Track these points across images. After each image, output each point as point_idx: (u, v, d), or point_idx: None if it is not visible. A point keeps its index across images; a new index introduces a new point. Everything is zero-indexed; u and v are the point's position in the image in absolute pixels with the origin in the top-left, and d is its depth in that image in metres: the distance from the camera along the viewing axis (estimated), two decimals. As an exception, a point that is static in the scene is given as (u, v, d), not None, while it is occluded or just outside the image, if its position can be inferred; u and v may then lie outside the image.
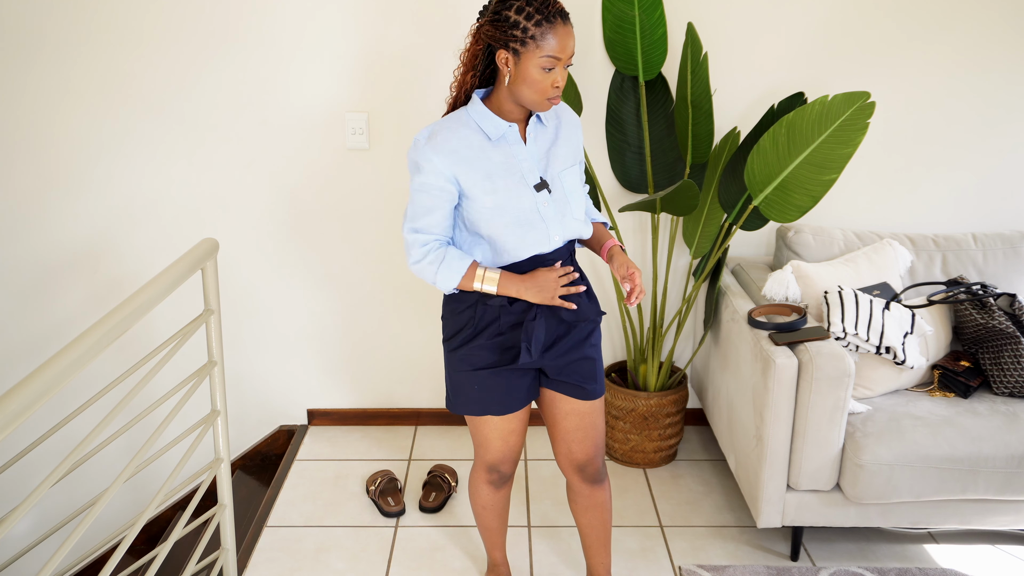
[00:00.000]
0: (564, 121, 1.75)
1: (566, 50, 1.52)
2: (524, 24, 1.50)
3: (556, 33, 1.50)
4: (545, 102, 1.57)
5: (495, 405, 1.78)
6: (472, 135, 1.62)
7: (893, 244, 2.50)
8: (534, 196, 1.64)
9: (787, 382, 2.05)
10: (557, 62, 1.52)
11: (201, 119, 2.66)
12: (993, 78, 2.64)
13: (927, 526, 2.23)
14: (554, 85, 1.54)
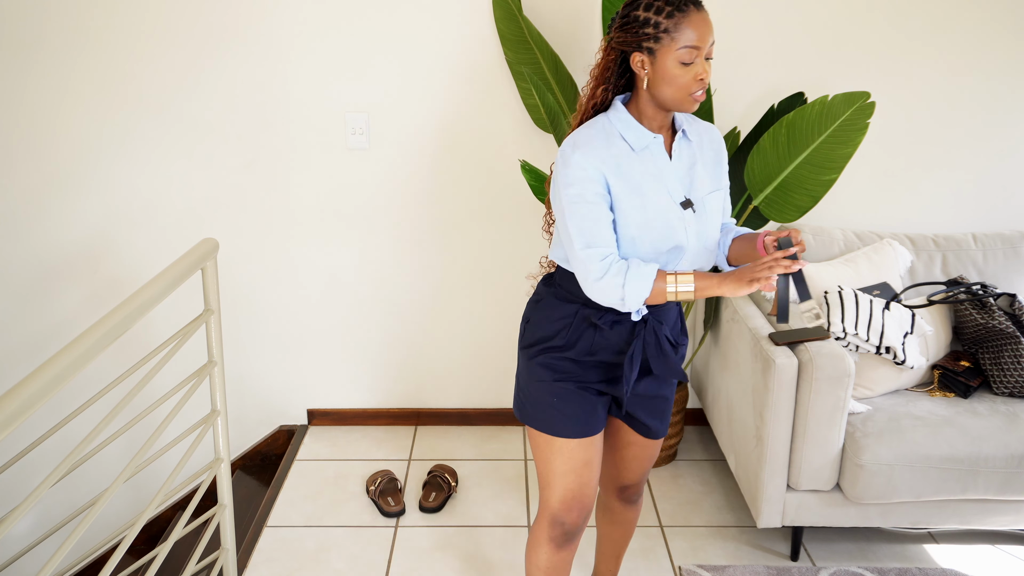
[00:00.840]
0: (708, 141, 1.62)
1: (705, 39, 1.39)
2: (655, 19, 1.40)
3: (691, 22, 1.39)
4: (689, 99, 1.43)
5: (572, 423, 1.61)
6: (616, 143, 1.49)
7: (893, 244, 2.50)
8: (681, 213, 1.51)
9: (787, 382, 2.05)
10: (696, 52, 1.40)
11: (201, 119, 2.66)
12: (993, 78, 2.64)
13: (927, 526, 2.23)
14: (697, 78, 1.41)
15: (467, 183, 2.75)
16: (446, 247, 2.83)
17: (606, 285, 1.46)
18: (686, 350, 1.74)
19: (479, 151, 2.71)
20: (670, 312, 1.66)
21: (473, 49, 2.61)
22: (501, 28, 2.52)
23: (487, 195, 2.76)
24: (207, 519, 1.91)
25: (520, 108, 2.67)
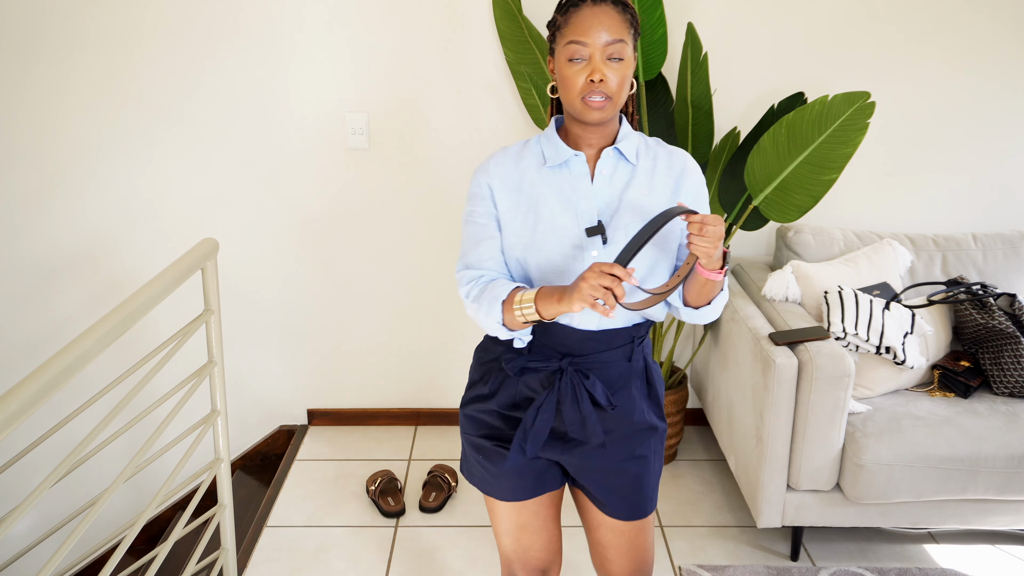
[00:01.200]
0: (667, 167, 1.39)
1: (590, 33, 1.25)
2: (555, 16, 1.32)
3: (580, 16, 1.27)
4: (582, 104, 1.28)
5: (497, 487, 1.47)
6: (529, 158, 1.39)
7: (893, 244, 2.50)
8: (582, 239, 1.33)
9: (787, 382, 2.05)
10: (583, 48, 1.25)
11: (201, 119, 2.66)
12: (993, 78, 2.64)
13: (927, 526, 2.23)
14: (589, 78, 1.26)
15: (467, 183, 2.75)
16: (446, 247, 2.83)
17: (471, 309, 1.35)
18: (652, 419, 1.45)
19: (479, 151, 2.71)
20: (610, 365, 1.40)
21: (473, 49, 2.61)
22: (501, 28, 2.52)
23: (487, 195, 2.76)
24: (207, 519, 1.91)
25: (520, 108, 2.67)
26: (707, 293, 1.32)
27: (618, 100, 1.29)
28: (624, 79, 1.28)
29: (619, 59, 1.27)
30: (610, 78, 1.27)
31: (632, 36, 1.30)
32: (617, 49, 1.26)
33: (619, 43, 1.26)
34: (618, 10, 1.27)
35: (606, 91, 1.27)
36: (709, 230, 1.17)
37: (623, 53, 1.27)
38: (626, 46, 1.27)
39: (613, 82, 1.27)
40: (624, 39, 1.27)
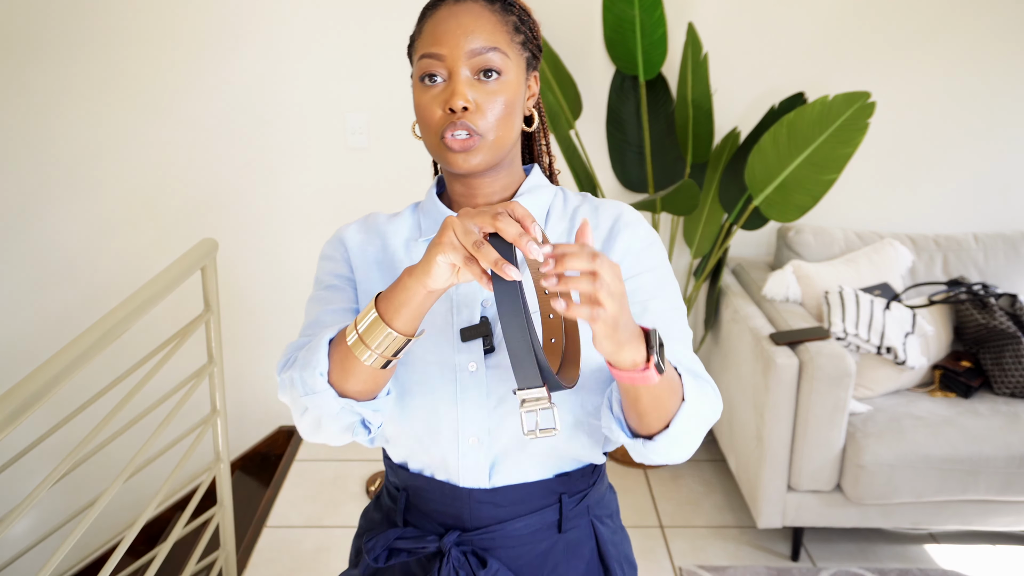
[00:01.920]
0: (604, 228, 0.97)
1: (445, 38, 0.90)
2: (412, 33, 1.02)
3: (436, 16, 0.95)
4: (438, 144, 0.91)
5: None
6: (402, 231, 1.03)
7: (894, 244, 2.50)
8: (454, 352, 0.92)
9: (788, 382, 2.05)
10: (434, 63, 0.91)
11: (201, 118, 2.66)
12: (993, 78, 2.64)
13: (928, 527, 2.23)
14: (448, 106, 0.88)
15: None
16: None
17: (283, 379, 0.91)
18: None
19: (479, 151, 2.71)
20: (524, 542, 0.95)
21: (473, 49, 2.60)
22: (501, 28, 2.52)
23: (487, 195, 2.76)
24: (207, 519, 1.90)
25: (520, 108, 2.66)
26: (649, 404, 0.81)
27: (498, 137, 0.90)
28: (508, 105, 0.90)
29: (494, 74, 0.89)
30: (480, 104, 0.89)
31: (521, 44, 0.93)
32: (489, 61, 0.89)
33: (492, 52, 0.89)
34: (492, 7, 0.92)
35: (472, 124, 0.88)
36: (575, 264, 0.68)
37: (502, 66, 0.89)
38: (506, 58, 0.90)
39: (486, 110, 0.89)
40: (501, 47, 0.90)
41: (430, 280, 0.75)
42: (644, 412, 0.82)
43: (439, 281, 0.75)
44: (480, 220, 0.71)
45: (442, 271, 0.74)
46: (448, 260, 0.73)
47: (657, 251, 0.97)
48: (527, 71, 0.96)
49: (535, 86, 1.00)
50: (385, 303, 0.79)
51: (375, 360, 0.81)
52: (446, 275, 0.75)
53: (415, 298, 0.77)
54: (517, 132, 0.94)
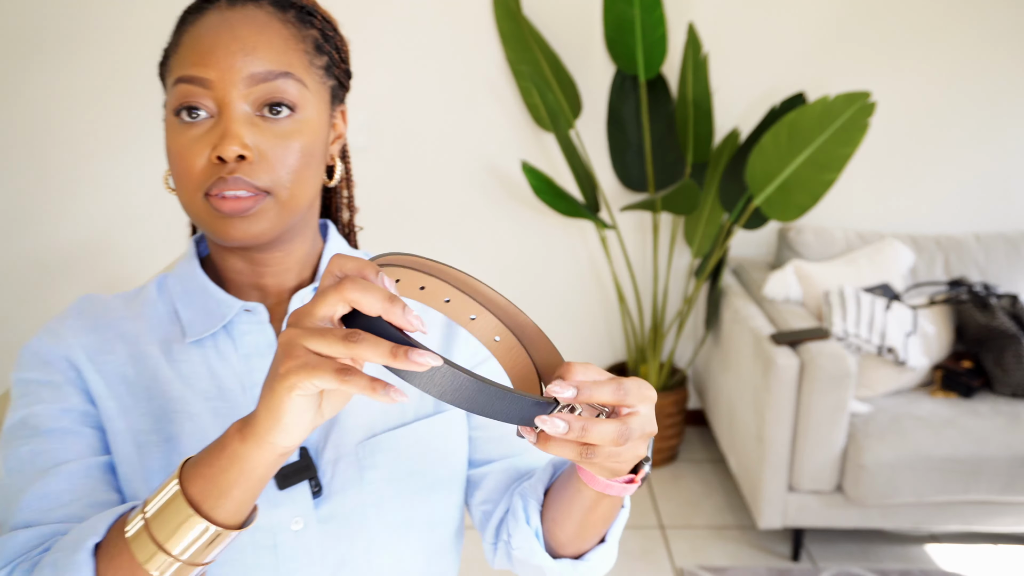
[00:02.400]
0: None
1: (213, 56, 0.66)
2: (167, 46, 0.78)
3: (202, 25, 0.70)
4: (204, 205, 0.66)
5: None
6: (155, 327, 0.73)
7: (895, 244, 2.49)
8: (268, 510, 0.69)
9: (788, 382, 2.05)
10: (198, 92, 0.66)
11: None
12: (994, 78, 2.64)
13: (929, 528, 2.22)
14: (216, 154, 0.64)
15: (467, 182, 2.74)
16: (445, 247, 2.83)
17: None
18: None
19: (479, 150, 2.71)
20: None
21: (473, 48, 2.60)
22: (502, 27, 2.52)
23: (487, 194, 2.76)
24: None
25: (520, 107, 2.66)
26: (606, 514, 0.65)
27: (291, 196, 0.67)
28: (306, 152, 0.67)
29: (285, 110, 0.66)
30: (264, 151, 0.65)
31: (323, 69, 0.70)
32: (278, 91, 0.65)
33: (284, 79, 0.66)
34: (283, 17, 0.68)
35: (252, 178, 0.65)
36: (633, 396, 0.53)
37: (297, 99, 0.66)
38: (303, 87, 0.67)
39: (274, 160, 0.65)
40: (295, 72, 0.67)
41: (283, 435, 0.50)
42: (593, 523, 0.65)
43: (298, 430, 0.51)
44: (323, 307, 0.49)
45: (301, 413, 0.50)
46: (311, 390, 0.48)
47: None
48: (332, 105, 0.71)
49: (342, 125, 0.75)
50: (199, 483, 0.53)
51: (177, 571, 0.54)
52: (308, 417, 0.50)
53: (256, 470, 0.53)
54: (317, 188, 0.70)
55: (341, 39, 0.74)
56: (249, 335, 0.72)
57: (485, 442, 0.80)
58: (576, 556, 0.70)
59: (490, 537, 0.78)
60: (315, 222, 0.76)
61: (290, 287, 0.75)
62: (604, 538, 0.69)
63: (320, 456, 0.71)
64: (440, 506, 0.75)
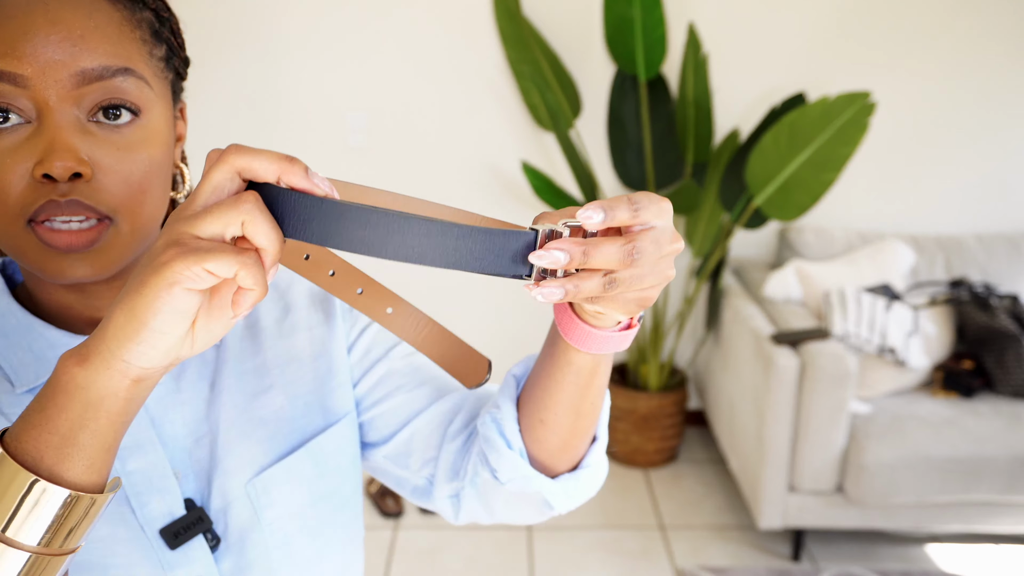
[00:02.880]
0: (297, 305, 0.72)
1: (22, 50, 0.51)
2: None
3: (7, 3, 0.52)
4: (26, 236, 0.54)
5: None
6: None
7: (895, 244, 2.49)
8: (152, 558, 0.59)
9: (788, 382, 2.04)
10: (9, 92, 0.51)
11: (201, 118, 2.66)
12: (995, 78, 2.63)
13: (930, 528, 2.22)
14: (41, 171, 0.51)
15: (467, 182, 2.74)
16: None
17: None
18: None
19: (479, 150, 2.71)
20: None
21: (473, 48, 2.60)
22: (502, 27, 2.52)
23: (487, 194, 2.76)
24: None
25: (520, 107, 2.66)
26: (594, 403, 0.61)
27: (140, 221, 0.56)
28: (155, 164, 0.56)
29: (126, 114, 0.55)
30: (104, 165, 0.54)
31: (163, 61, 0.59)
32: (118, 91, 0.54)
33: (123, 76, 0.54)
34: (112, 0, 0.55)
35: (92, 201, 0.53)
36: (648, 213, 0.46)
37: (140, 99, 0.55)
38: (145, 85, 0.56)
39: (117, 176, 0.54)
40: (135, 67, 0.55)
41: (143, 348, 0.41)
42: (589, 408, 0.60)
43: (162, 345, 0.42)
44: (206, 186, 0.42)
45: (175, 320, 0.41)
46: (201, 282, 0.40)
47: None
48: (173, 103, 0.60)
49: (183, 126, 0.64)
50: (31, 434, 0.43)
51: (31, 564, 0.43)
52: (180, 330, 0.42)
53: (104, 402, 0.43)
54: (167, 204, 0.59)
55: (175, 20, 0.61)
56: None
57: (391, 412, 0.72)
58: (571, 468, 0.64)
59: (446, 492, 0.70)
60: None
61: None
62: (595, 437, 0.65)
63: (207, 506, 0.62)
64: (351, 525, 0.70)
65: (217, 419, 0.64)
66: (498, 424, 0.63)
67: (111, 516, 0.58)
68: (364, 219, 0.42)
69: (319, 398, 0.69)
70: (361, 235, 0.42)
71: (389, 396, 0.72)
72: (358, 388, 0.72)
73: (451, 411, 0.71)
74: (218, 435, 0.63)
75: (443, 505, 0.70)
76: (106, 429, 0.43)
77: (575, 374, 0.57)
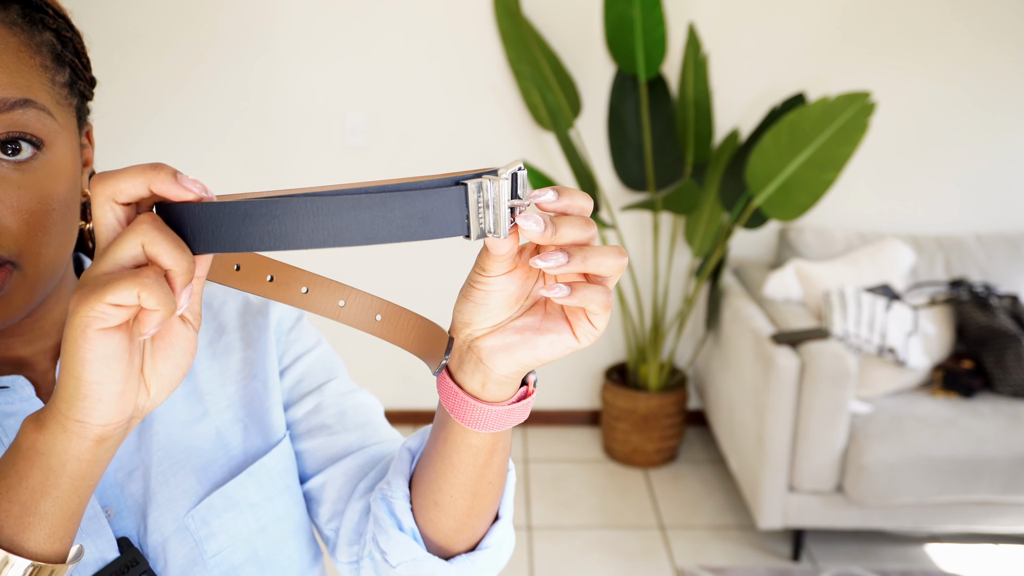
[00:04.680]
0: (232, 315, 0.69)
1: None
2: None
3: None
4: None
5: None
6: None
7: (895, 244, 2.49)
8: None
9: (788, 382, 2.04)
10: None
11: (201, 118, 2.66)
12: (994, 78, 2.63)
13: (930, 528, 2.22)
14: None
15: (467, 183, 2.74)
16: (445, 247, 2.83)
17: None
18: None
19: (479, 150, 2.71)
20: None
21: (474, 48, 2.60)
22: (502, 27, 2.52)
23: (487, 195, 2.75)
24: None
25: (520, 107, 2.66)
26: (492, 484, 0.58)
27: (50, 260, 0.52)
28: (62, 201, 0.52)
29: (27, 148, 0.50)
30: (8, 205, 0.50)
31: (67, 87, 0.54)
32: (14, 123, 0.49)
33: (20, 107, 0.50)
34: (6, 18, 0.51)
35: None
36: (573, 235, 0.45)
37: (43, 132, 0.51)
38: (49, 117, 0.51)
39: (20, 217, 0.50)
40: (36, 97, 0.51)
41: (91, 404, 0.40)
42: (487, 489, 0.57)
43: (108, 395, 0.40)
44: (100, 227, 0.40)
45: (108, 363, 0.39)
46: (110, 318, 0.38)
47: (307, 324, 0.71)
48: (79, 130, 0.55)
49: (91, 151, 0.59)
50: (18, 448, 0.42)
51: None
52: (120, 370, 0.40)
53: (66, 467, 0.41)
54: (74, 241, 0.55)
55: (79, 38, 0.56)
56: (13, 417, 0.56)
57: (310, 452, 0.68)
58: (469, 549, 0.60)
59: (346, 556, 0.66)
60: (71, 271, 0.60)
61: (52, 348, 0.60)
62: (498, 515, 0.61)
63: (144, 544, 0.58)
64: (306, 551, 0.66)
65: (149, 450, 0.60)
66: (388, 503, 0.60)
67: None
68: (270, 211, 0.39)
69: (257, 419, 0.66)
70: (272, 229, 0.39)
71: (311, 434, 0.68)
72: (288, 414, 0.69)
73: (365, 466, 0.67)
74: (151, 467, 0.60)
75: (344, 570, 0.67)
76: (69, 495, 0.42)
77: (472, 455, 0.54)
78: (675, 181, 2.60)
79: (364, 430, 0.69)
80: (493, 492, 0.57)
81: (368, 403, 0.71)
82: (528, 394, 0.52)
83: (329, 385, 0.69)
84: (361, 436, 0.68)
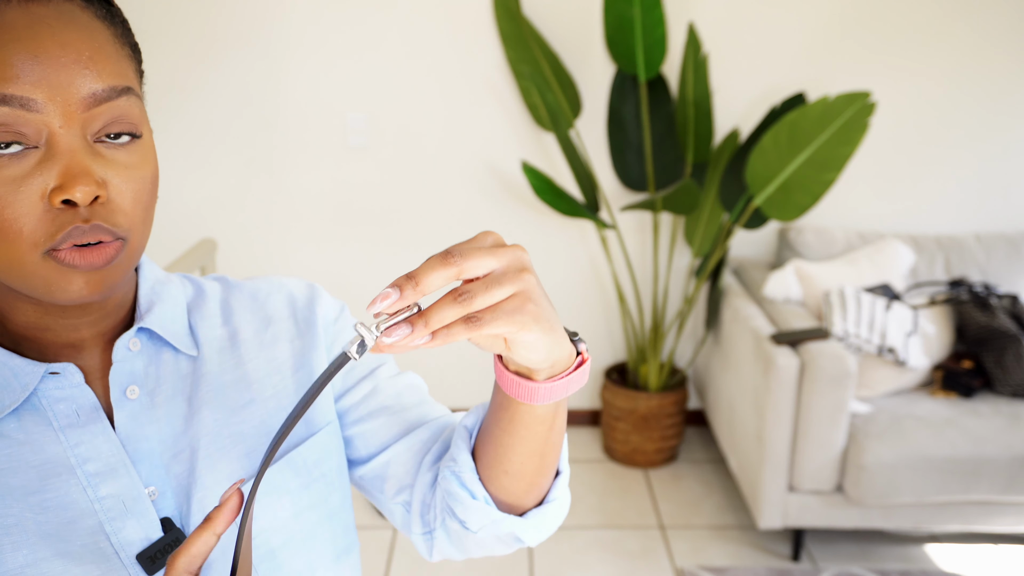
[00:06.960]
0: (283, 311, 0.72)
1: (33, 75, 0.50)
2: None
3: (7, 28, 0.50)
4: (45, 264, 0.52)
5: None
6: None
7: (895, 244, 2.49)
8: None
9: (788, 382, 2.05)
10: (17, 117, 0.50)
11: (201, 118, 2.66)
12: (994, 77, 2.63)
13: (929, 528, 2.22)
14: (61, 196, 0.51)
15: (467, 182, 2.74)
16: (445, 247, 2.83)
17: None
18: None
19: (479, 150, 2.71)
20: None
21: (473, 48, 2.60)
22: (502, 27, 2.52)
23: (487, 195, 2.76)
24: (206, 520, 1.90)
25: (520, 107, 2.66)
26: (555, 445, 0.62)
27: (142, 239, 0.57)
28: (153, 182, 0.57)
29: (126, 137, 0.54)
30: (115, 187, 0.54)
31: (141, 73, 0.59)
32: (121, 112, 0.54)
33: (125, 96, 0.54)
34: (94, 11, 0.54)
35: (110, 223, 0.53)
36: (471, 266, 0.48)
37: (139, 120, 0.55)
38: (140, 103, 0.56)
39: (127, 196, 0.54)
40: (133, 86, 0.55)
41: None
42: (551, 450, 0.61)
43: None
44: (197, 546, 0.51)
45: None
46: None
47: (349, 315, 0.75)
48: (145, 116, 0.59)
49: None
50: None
51: None
52: None
53: None
54: (151, 214, 0.59)
55: (136, 45, 0.60)
56: (63, 402, 0.58)
57: (372, 433, 0.72)
58: (537, 504, 0.66)
59: (419, 528, 0.70)
60: None
61: (107, 332, 0.62)
62: (558, 471, 0.66)
63: (187, 525, 0.60)
64: (343, 537, 0.70)
65: (197, 434, 0.63)
66: (458, 477, 0.64)
67: (82, 553, 0.56)
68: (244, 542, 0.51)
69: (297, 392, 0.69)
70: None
71: (371, 416, 0.72)
72: (340, 402, 0.72)
73: (429, 440, 0.71)
74: (198, 450, 0.62)
75: (417, 541, 0.71)
76: None
77: (538, 424, 0.59)
78: (675, 181, 2.60)
79: (421, 408, 0.73)
80: (556, 450, 0.62)
81: (417, 383, 0.76)
82: (583, 361, 0.56)
83: (381, 369, 0.74)
84: (419, 413, 0.72)
